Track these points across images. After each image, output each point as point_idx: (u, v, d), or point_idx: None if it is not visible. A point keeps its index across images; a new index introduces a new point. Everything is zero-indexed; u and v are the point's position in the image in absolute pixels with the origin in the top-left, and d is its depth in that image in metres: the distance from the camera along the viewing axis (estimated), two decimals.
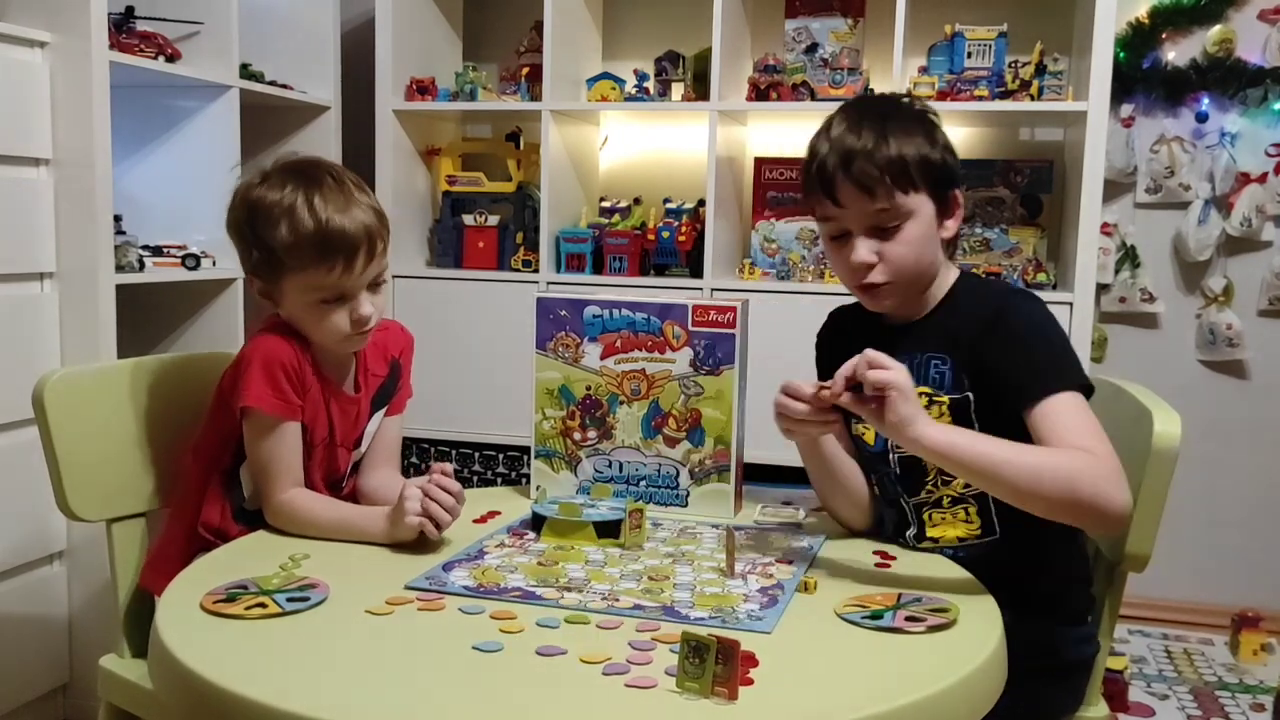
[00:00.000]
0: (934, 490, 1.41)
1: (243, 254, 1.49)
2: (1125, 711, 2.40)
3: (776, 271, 2.75)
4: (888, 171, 1.34)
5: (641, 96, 2.77)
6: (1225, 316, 2.84)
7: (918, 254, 1.38)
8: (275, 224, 1.41)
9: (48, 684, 2.12)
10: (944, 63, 2.59)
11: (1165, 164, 2.84)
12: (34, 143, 2.01)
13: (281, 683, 0.95)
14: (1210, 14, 2.80)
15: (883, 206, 1.36)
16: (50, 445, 1.49)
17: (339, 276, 1.42)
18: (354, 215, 1.42)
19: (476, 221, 2.87)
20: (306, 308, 1.44)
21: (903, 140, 1.36)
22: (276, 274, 1.44)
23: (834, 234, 1.42)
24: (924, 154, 1.37)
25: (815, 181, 1.40)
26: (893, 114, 1.40)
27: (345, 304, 1.44)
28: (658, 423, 1.55)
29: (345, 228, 1.40)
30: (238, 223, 1.47)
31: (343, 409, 1.53)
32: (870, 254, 1.38)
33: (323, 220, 1.40)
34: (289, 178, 1.45)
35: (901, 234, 1.37)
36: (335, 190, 1.43)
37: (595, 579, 1.24)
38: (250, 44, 2.60)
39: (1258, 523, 2.90)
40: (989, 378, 1.35)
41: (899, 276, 1.39)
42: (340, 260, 1.41)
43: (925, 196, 1.38)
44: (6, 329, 1.97)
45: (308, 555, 1.31)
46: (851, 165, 1.35)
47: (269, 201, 1.43)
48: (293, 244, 1.40)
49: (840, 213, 1.39)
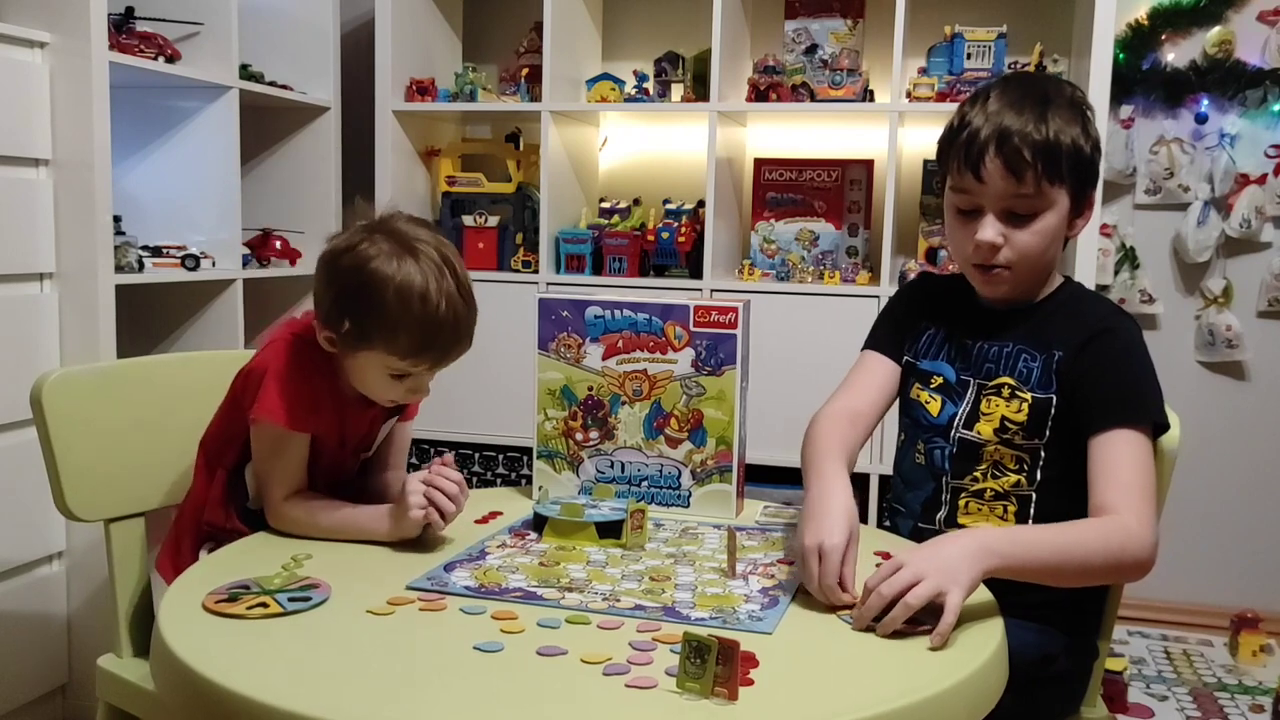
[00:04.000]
0: (979, 479, 1.41)
1: (331, 307, 1.39)
2: (1124, 712, 2.40)
3: (776, 272, 2.75)
4: (1040, 157, 1.31)
5: (641, 97, 2.77)
6: (1224, 318, 2.85)
7: (1045, 246, 1.37)
8: (390, 309, 1.34)
9: (47, 684, 2.12)
10: (943, 64, 2.59)
11: (1165, 165, 2.84)
12: (34, 143, 2.01)
13: (282, 683, 0.95)
14: (1210, 15, 2.80)
15: (1026, 192, 1.33)
16: (49, 445, 1.49)
17: (424, 370, 1.42)
18: (464, 318, 1.39)
19: (476, 222, 2.87)
20: (371, 377, 1.42)
21: (1061, 127, 1.32)
22: (362, 341, 1.38)
23: (965, 207, 1.38)
24: (1078, 145, 1.33)
25: (961, 152, 1.35)
26: (1055, 98, 1.35)
27: (409, 379, 1.43)
28: (659, 423, 1.55)
29: (453, 334, 1.39)
30: (344, 283, 1.37)
31: (356, 418, 1.52)
32: (998, 235, 1.35)
33: (437, 324, 1.36)
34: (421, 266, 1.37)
35: (1036, 223, 1.35)
36: (456, 291, 1.38)
37: (596, 579, 1.24)
38: (250, 44, 2.61)
39: (1257, 524, 2.90)
40: (1075, 389, 1.35)
41: (1022, 265, 1.37)
42: (432, 359, 1.40)
43: (1066, 190, 1.35)
44: (6, 329, 1.97)
45: (309, 555, 1.31)
46: (1006, 144, 1.31)
47: (397, 285, 1.34)
48: (393, 336, 1.36)
49: (979, 188, 1.35)
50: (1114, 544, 1.24)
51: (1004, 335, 1.42)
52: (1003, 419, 1.39)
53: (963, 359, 1.45)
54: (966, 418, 1.42)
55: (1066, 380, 1.36)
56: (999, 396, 1.40)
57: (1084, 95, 1.40)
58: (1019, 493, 1.39)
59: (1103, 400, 1.32)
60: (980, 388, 1.42)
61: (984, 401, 1.41)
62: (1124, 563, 1.24)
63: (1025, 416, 1.38)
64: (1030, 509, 1.39)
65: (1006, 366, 1.40)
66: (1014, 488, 1.39)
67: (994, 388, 1.41)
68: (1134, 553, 1.24)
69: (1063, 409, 1.36)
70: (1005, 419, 1.39)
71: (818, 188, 2.79)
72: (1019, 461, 1.39)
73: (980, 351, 1.43)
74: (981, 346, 1.43)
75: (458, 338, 1.40)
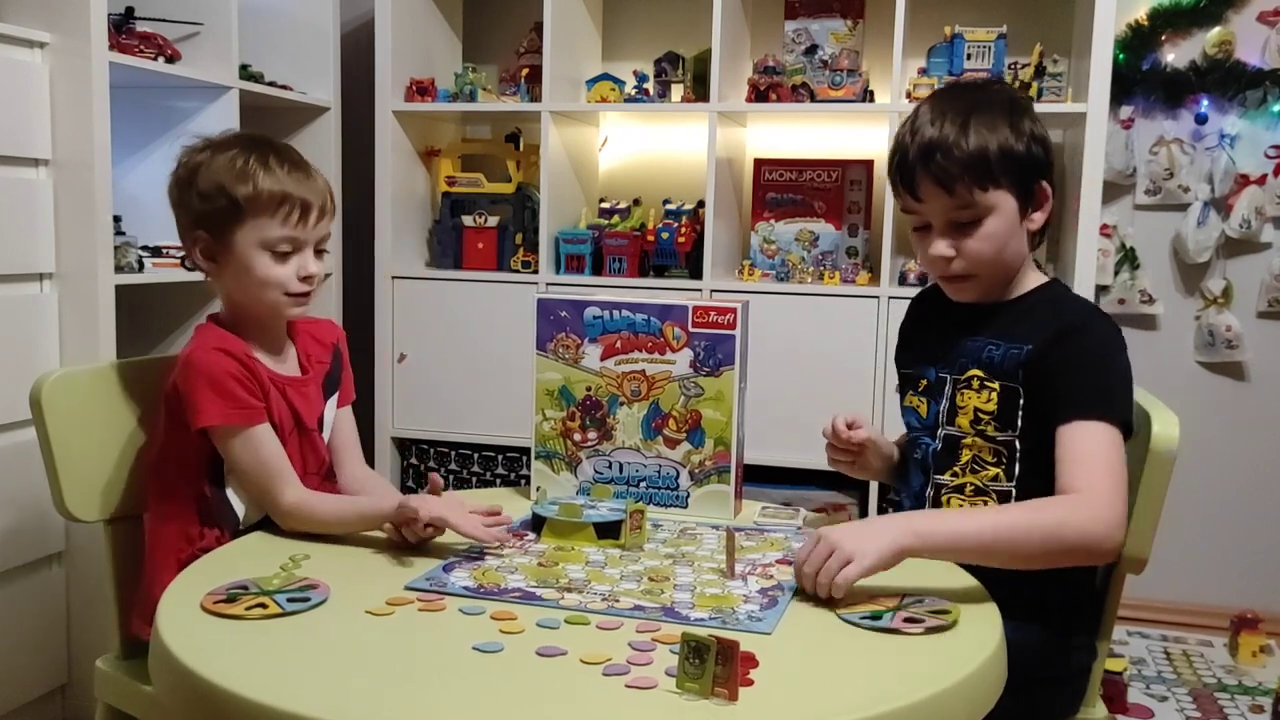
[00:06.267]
0: (960, 474, 1.42)
1: (190, 211, 1.52)
2: (1124, 713, 2.40)
3: (776, 273, 2.75)
4: (967, 169, 1.33)
5: (641, 97, 2.77)
6: (1224, 318, 2.85)
7: (997, 248, 1.38)
8: (239, 175, 1.47)
9: (46, 684, 2.12)
10: (943, 64, 2.59)
11: (1164, 166, 2.84)
12: (34, 143, 2.01)
13: (281, 683, 0.95)
14: (1210, 16, 2.80)
15: (961, 203, 1.36)
16: (48, 446, 1.49)
17: (295, 227, 1.49)
18: (313, 175, 1.53)
19: (476, 222, 2.87)
20: (254, 260, 1.48)
21: (985, 133, 1.34)
22: (230, 225, 1.48)
23: (916, 224, 1.43)
24: (1007, 146, 1.35)
25: (896, 175, 1.40)
26: (979, 104, 1.37)
27: (293, 258, 1.50)
28: (658, 424, 1.55)
29: (304, 182, 1.51)
30: (192, 178, 1.51)
31: (298, 392, 1.55)
32: (948, 248, 1.38)
33: (285, 174, 1.49)
34: (246, 144, 1.52)
35: (981, 229, 1.37)
36: (293, 155, 1.54)
37: (595, 580, 1.24)
38: (250, 44, 2.60)
39: (1257, 524, 2.90)
40: (1046, 383, 1.36)
41: (978, 270, 1.40)
42: (298, 210, 1.49)
43: (1006, 191, 1.36)
44: (6, 329, 1.97)
45: (308, 556, 1.31)
46: (931, 161, 1.34)
47: (230, 157, 1.49)
48: (254, 194, 1.47)
49: (920, 206, 1.39)
50: (1048, 522, 1.23)
51: (980, 331, 1.43)
52: (975, 410, 1.41)
53: (944, 358, 1.47)
54: (947, 413, 1.44)
55: (1036, 373, 1.37)
56: (970, 389, 1.42)
57: (1014, 92, 1.42)
58: (998, 488, 1.40)
59: (1072, 391, 1.32)
60: (955, 382, 1.44)
61: (959, 395, 1.43)
62: (1065, 539, 1.22)
63: (995, 406, 1.39)
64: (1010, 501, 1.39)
65: (975, 359, 1.42)
66: (993, 482, 1.40)
67: (965, 380, 1.43)
68: (1079, 527, 1.22)
69: (1034, 402, 1.37)
70: (978, 410, 1.41)
71: (818, 188, 2.79)
72: (996, 455, 1.40)
73: (958, 349, 1.45)
74: (960, 344, 1.45)
75: (319, 193, 1.51)
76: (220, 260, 1.51)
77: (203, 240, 1.51)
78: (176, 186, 1.54)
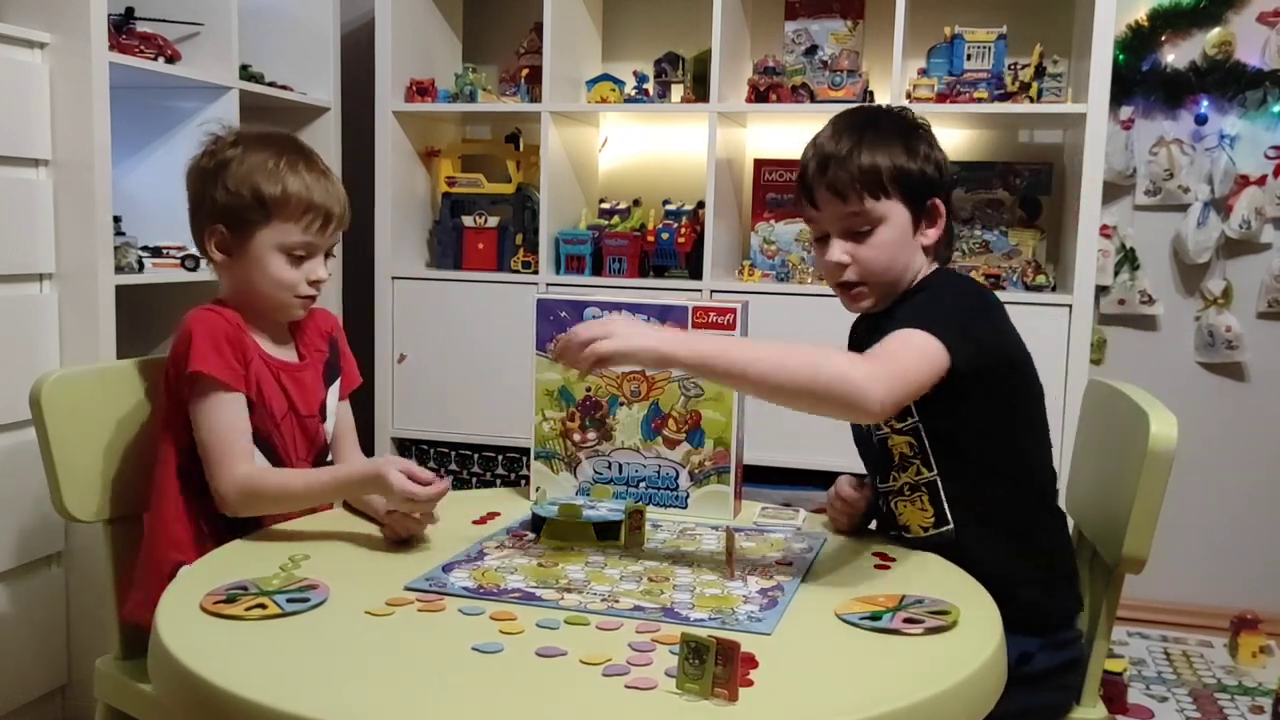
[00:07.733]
0: (898, 477, 1.44)
1: (211, 203, 1.52)
2: (1124, 713, 2.40)
3: (776, 273, 2.75)
4: (859, 178, 1.41)
5: (641, 98, 2.77)
6: (1224, 319, 2.85)
7: (889, 258, 1.44)
8: (270, 178, 1.50)
9: (46, 685, 2.12)
10: (943, 65, 2.59)
11: (1164, 166, 2.84)
12: (34, 143, 2.01)
13: (281, 683, 0.95)
14: (1209, 16, 2.80)
15: (854, 210, 1.43)
16: (47, 446, 1.49)
17: (315, 234, 1.53)
18: (336, 183, 1.57)
19: (476, 223, 2.87)
20: (270, 261, 1.51)
21: (877, 150, 1.43)
22: (253, 225, 1.50)
23: (816, 235, 1.51)
24: (898, 164, 1.43)
25: (798, 186, 1.50)
26: (875, 124, 1.47)
27: (306, 263, 1.53)
28: (657, 424, 1.55)
29: (329, 191, 1.54)
30: (220, 172, 1.51)
31: (293, 378, 1.56)
32: (843, 255, 1.45)
33: (314, 180, 1.53)
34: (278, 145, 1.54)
35: (873, 238, 1.44)
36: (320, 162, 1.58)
37: (595, 580, 1.24)
38: (250, 45, 2.60)
39: (1256, 525, 2.90)
40: None
41: (870, 278, 1.45)
42: (321, 218, 1.52)
43: (898, 203, 1.43)
44: (6, 329, 1.97)
45: (307, 556, 1.31)
46: (827, 169, 1.44)
47: (263, 158, 1.51)
48: (283, 199, 1.50)
49: (818, 215, 1.47)
50: (815, 358, 1.21)
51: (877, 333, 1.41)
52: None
53: None
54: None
55: None
56: None
57: (914, 117, 1.50)
58: (924, 480, 1.42)
59: (899, 321, 1.33)
60: None
61: None
62: (821, 378, 1.19)
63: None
64: (940, 495, 1.41)
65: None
66: (918, 475, 1.42)
67: None
68: (839, 371, 1.20)
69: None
70: None
71: None
72: (912, 448, 1.42)
73: None
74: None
75: (340, 203, 1.55)
76: (234, 255, 1.53)
77: (220, 234, 1.52)
78: (199, 177, 1.54)
